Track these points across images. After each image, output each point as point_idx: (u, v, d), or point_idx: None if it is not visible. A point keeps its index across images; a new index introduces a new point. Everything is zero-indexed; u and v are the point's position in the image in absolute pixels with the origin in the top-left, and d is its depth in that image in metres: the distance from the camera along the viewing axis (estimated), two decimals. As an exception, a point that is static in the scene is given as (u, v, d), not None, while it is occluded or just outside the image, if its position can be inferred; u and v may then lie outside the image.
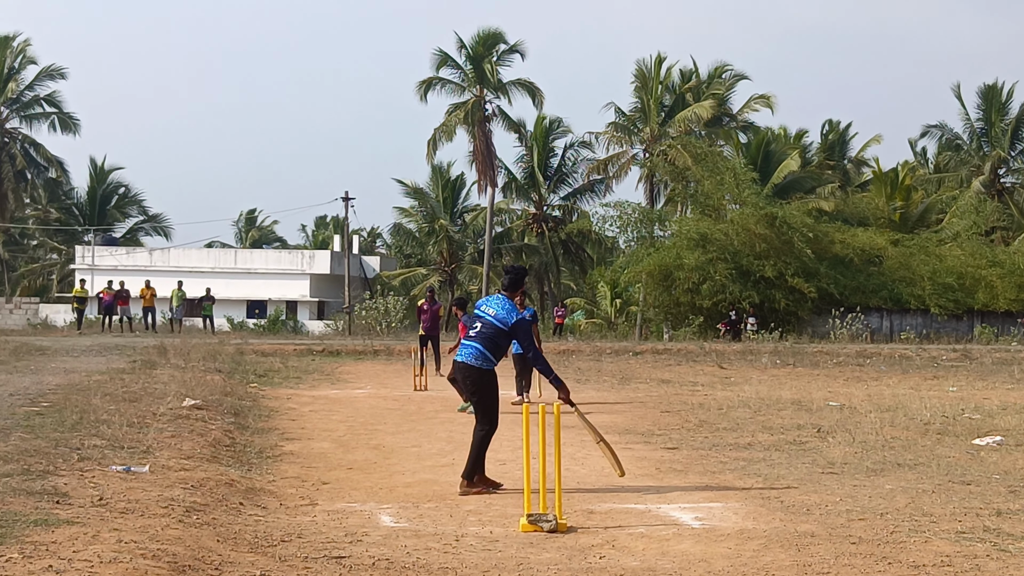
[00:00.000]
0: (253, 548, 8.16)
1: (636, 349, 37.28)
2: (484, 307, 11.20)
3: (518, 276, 11.37)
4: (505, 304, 11.07)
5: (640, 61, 63.53)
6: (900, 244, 51.68)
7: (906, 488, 11.20)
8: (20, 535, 7.33)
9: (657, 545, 8.75)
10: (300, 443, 14.67)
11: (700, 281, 47.99)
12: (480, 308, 11.25)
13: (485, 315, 11.08)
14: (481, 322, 11.07)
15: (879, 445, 14.31)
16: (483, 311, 11.15)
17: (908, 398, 20.90)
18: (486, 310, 11.13)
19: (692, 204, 55.22)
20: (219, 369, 24.59)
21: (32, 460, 10.42)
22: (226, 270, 65.03)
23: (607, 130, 63.95)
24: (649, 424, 17.27)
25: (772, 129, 66.24)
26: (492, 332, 10.97)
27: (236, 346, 33.39)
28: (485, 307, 11.19)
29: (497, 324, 10.96)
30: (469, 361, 11.04)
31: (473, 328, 11.17)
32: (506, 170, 67.46)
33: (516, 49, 62.77)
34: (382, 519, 9.73)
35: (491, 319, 11.00)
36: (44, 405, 15.19)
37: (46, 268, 77.64)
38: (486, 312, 11.10)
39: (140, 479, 10.14)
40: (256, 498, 10.39)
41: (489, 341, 10.97)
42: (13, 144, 69.58)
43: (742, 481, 11.79)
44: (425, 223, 69.86)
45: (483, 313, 11.12)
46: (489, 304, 11.18)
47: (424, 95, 62.01)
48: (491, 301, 11.22)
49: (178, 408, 15.87)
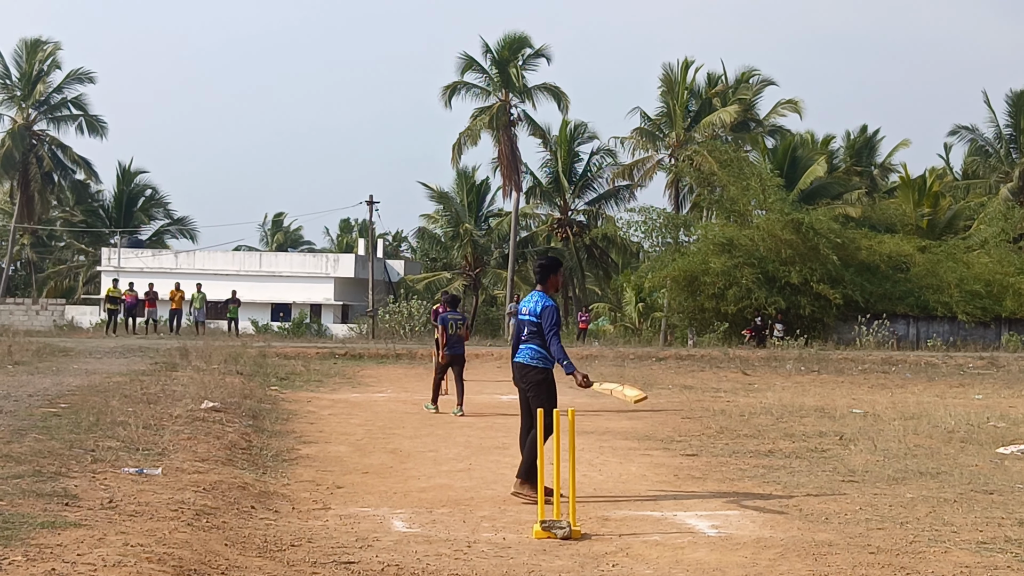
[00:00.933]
0: (261, 553, 8.07)
1: (660, 355, 37.10)
2: (525, 309, 11.16)
3: (546, 267, 11.21)
4: (535, 296, 11.11)
5: (666, 65, 63.26)
6: (927, 251, 51.31)
7: (927, 497, 11.05)
8: (26, 537, 7.27)
9: (671, 553, 8.63)
10: (317, 446, 14.60)
11: (726, 287, 47.76)
12: (522, 312, 11.22)
13: (523, 316, 11.12)
14: (525, 325, 11.06)
15: (901, 453, 14.15)
16: (521, 313, 11.20)
17: (933, 406, 20.70)
18: (522, 311, 11.18)
19: (717, 209, 54.95)
20: (240, 372, 24.56)
21: (45, 461, 10.38)
22: (251, 273, 65.15)
23: (632, 135, 63.74)
24: (669, 430, 17.13)
25: (799, 134, 65.93)
26: (535, 329, 10.95)
27: (259, 349, 33.37)
28: (523, 308, 11.18)
29: (534, 320, 10.96)
30: (526, 360, 10.99)
31: (523, 333, 11.08)
32: (531, 175, 67.34)
33: (542, 53, 62.58)
34: (394, 524, 9.63)
35: (527, 318, 11.03)
36: (62, 406, 15.16)
37: (72, 270, 77.94)
38: (523, 313, 11.13)
39: (152, 481, 10.07)
40: (268, 502, 10.31)
41: (539, 338, 10.93)
42: (41, 146, 69.85)
43: (761, 489, 11.65)
44: (450, 227, 69.82)
45: (523, 316, 11.14)
46: (526, 304, 11.18)
47: (449, 100, 61.91)
48: (527, 300, 11.23)
49: (196, 410, 15.82)
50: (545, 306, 10.92)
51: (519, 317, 11.23)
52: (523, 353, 11.03)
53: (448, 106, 62.05)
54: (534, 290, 11.27)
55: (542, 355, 10.92)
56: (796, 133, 65.62)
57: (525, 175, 65.41)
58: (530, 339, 10.99)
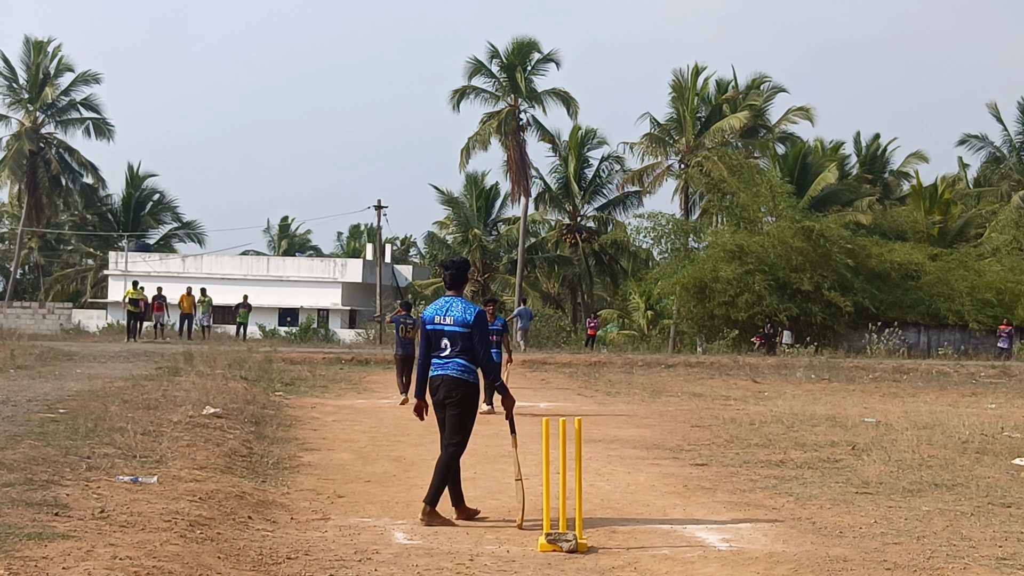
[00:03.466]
0: (256, 566, 7.80)
1: (668, 362, 36.81)
2: (439, 318, 9.95)
3: (461, 271, 10.22)
4: (457, 303, 9.97)
5: (676, 71, 62.95)
6: (938, 259, 51.02)
7: (944, 510, 10.75)
8: (11, 549, 7.01)
9: (681, 568, 8.34)
10: (319, 454, 14.34)
11: (736, 294, 47.52)
12: (433, 321, 9.98)
13: (444, 326, 9.92)
14: (448, 335, 9.90)
15: (915, 464, 13.85)
16: (441, 323, 9.94)
17: (946, 415, 20.41)
18: (444, 321, 9.93)
19: (728, 216, 54.69)
20: (244, 377, 24.32)
21: (38, 469, 10.12)
22: (258, 278, 64.97)
23: (642, 140, 63.46)
24: (679, 439, 16.83)
25: (808, 142, 65.56)
26: (466, 340, 9.87)
27: (265, 354, 33.14)
28: (440, 318, 9.95)
29: (463, 330, 9.86)
30: (457, 375, 9.87)
31: (442, 347, 9.90)
32: (540, 180, 67.09)
33: (551, 58, 62.31)
34: (395, 536, 9.36)
35: (453, 328, 9.88)
36: (61, 411, 14.93)
37: (80, 273, 77.81)
38: (444, 323, 9.93)
39: (146, 490, 9.80)
40: (266, 512, 10.04)
41: (468, 351, 9.89)
42: (48, 149, 69.76)
43: (772, 500, 11.36)
44: (459, 233, 69.57)
45: (442, 325, 9.93)
46: (444, 313, 9.96)
47: (457, 104, 61.67)
48: (444, 309, 9.99)
49: (197, 416, 15.59)
50: (477, 313, 9.89)
51: (433, 327, 9.94)
52: (450, 367, 9.86)
53: (456, 110, 61.86)
54: (448, 296, 10.13)
55: (471, 369, 9.90)
56: (805, 141, 65.31)
57: (535, 180, 65.14)
58: (458, 351, 9.86)
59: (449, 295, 10.13)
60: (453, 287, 10.15)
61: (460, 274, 10.18)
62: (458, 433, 9.96)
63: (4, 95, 69.02)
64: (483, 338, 9.89)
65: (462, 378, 9.88)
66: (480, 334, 9.87)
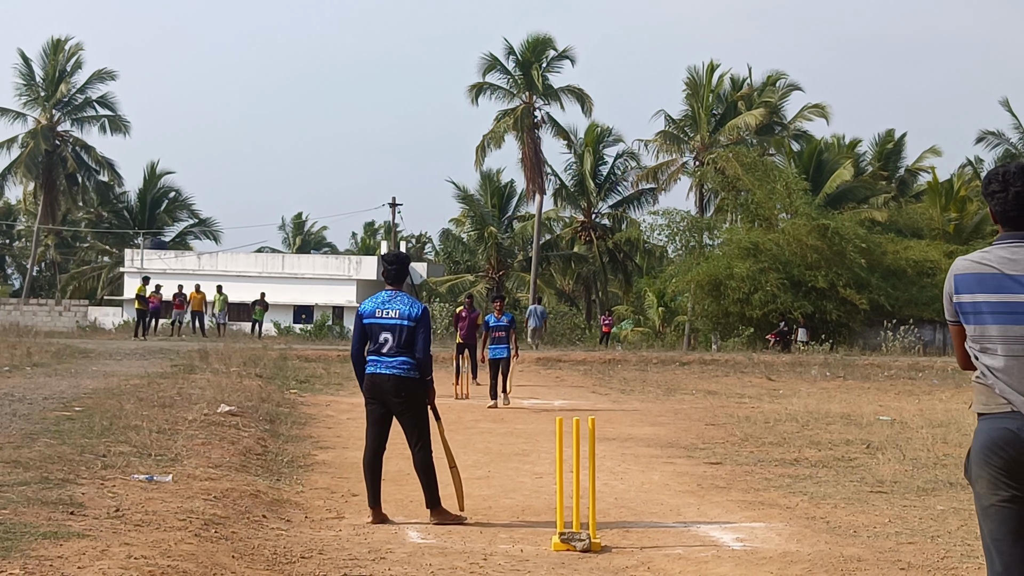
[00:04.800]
0: (270, 565, 7.82)
1: (683, 359, 36.78)
2: (381, 312, 9.84)
3: (403, 265, 10.12)
4: (400, 298, 9.88)
5: (691, 68, 62.96)
6: (954, 256, 50.78)
7: (958, 509, 10.71)
8: (26, 548, 7.03)
9: (695, 568, 8.34)
10: (334, 452, 14.35)
11: (751, 291, 47.44)
12: (375, 315, 9.87)
13: (388, 320, 9.81)
14: (394, 329, 9.79)
15: (931, 463, 13.80)
16: (384, 316, 9.83)
17: (961, 413, 20.32)
18: (386, 314, 9.82)
19: (742, 213, 54.61)
20: (259, 374, 24.37)
21: (53, 467, 10.15)
22: (273, 275, 65.05)
23: (656, 138, 63.42)
24: (693, 437, 16.82)
25: (824, 139, 65.39)
26: (410, 335, 9.76)
27: (280, 351, 33.19)
28: (382, 312, 9.83)
29: (408, 324, 9.76)
30: (403, 374, 9.77)
31: (382, 341, 9.81)
32: (555, 177, 67.04)
33: (566, 55, 62.29)
34: (409, 535, 9.38)
35: (398, 322, 9.77)
36: (76, 409, 14.98)
37: (96, 271, 78.03)
38: (388, 316, 9.82)
39: (161, 489, 9.83)
40: (281, 510, 10.06)
41: (410, 348, 9.79)
42: (64, 147, 69.94)
43: (787, 499, 11.34)
44: (474, 230, 69.55)
45: (384, 319, 9.82)
46: (386, 307, 9.86)
47: (475, 98, 61.64)
48: (387, 303, 9.87)
49: (212, 414, 15.61)
50: (423, 309, 9.87)
51: (374, 320, 9.85)
52: (394, 364, 9.76)
53: (475, 103, 61.74)
54: (388, 290, 9.99)
55: (414, 365, 9.79)
56: (821, 138, 65.15)
57: (550, 178, 65.11)
58: (403, 348, 9.76)
59: (390, 289, 10.02)
60: (395, 282, 10.06)
61: (402, 268, 10.11)
62: (419, 435, 9.96)
63: (22, 94, 69.24)
64: (426, 335, 9.85)
65: (408, 376, 9.80)
66: (424, 330, 9.83)
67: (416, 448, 9.99)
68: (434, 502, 9.95)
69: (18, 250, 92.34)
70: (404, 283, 10.16)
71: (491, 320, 22.32)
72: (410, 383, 9.81)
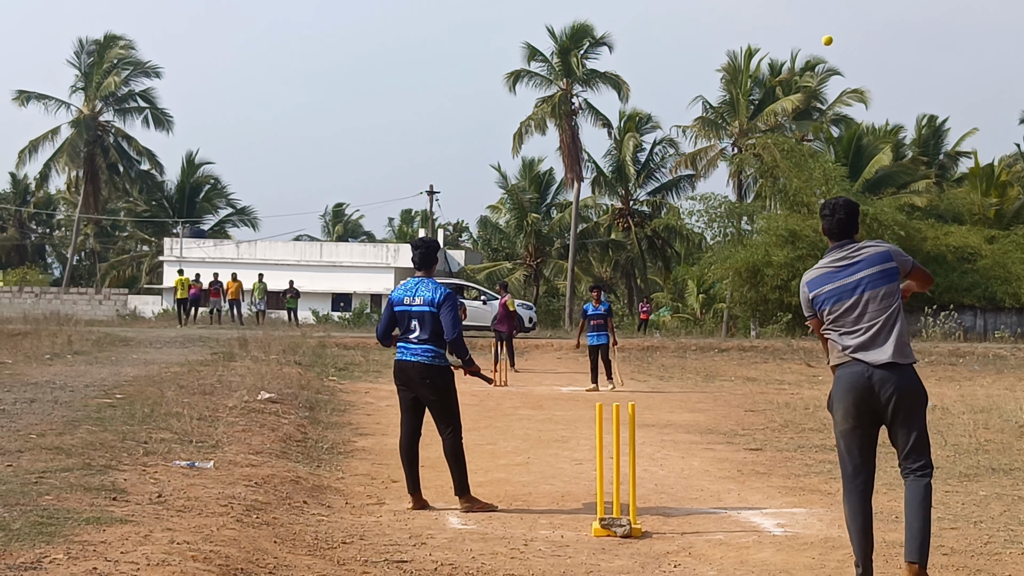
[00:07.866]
0: (312, 550, 7.84)
1: (722, 346, 36.67)
2: (409, 299, 9.83)
3: (431, 250, 9.99)
4: (426, 284, 9.86)
5: (730, 53, 62.58)
6: (995, 241, 50.46)
7: (1001, 495, 10.64)
8: (70, 534, 7.07)
9: (736, 553, 8.31)
10: (374, 439, 14.39)
11: (789, 278, 47.22)
12: (403, 303, 9.87)
13: (413, 307, 9.81)
14: (417, 316, 9.78)
15: (972, 448, 13.70)
16: (412, 304, 9.82)
17: (1003, 399, 20.17)
18: (413, 302, 9.81)
19: (780, 200, 54.31)
20: (298, 362, 24.46)
21: (95, 454, 10.22)
22: (311, 263, 65.23)
23: (695, 124, 63.15)
24: (732, 424, 16.77)
25: (862, 124, 64.92)
26: (433, 321, 9.74)
27: (318, 339, 33.30)
28: (409, 299, 9.83)
29: (432, 310, 9.74)
30: (428, 361, 9.77)
31: (411, 328, 9.80)
32: (594, 164, 66.89)
33: (603, 42, 62.09)
34: (449, 520, 9.39)
35: (422, 308, 9.76)
36: (118, 397, 15.07)
37: (136, 259, 78.52)
38: (413, 303, 9.81)
39: (203, 475, 9.88)
40: (321, 496, 10.10)
41: (436, 334, 9.76)
42: (106, 137, 70.29)
43: (827, 485, 11.28)
44: (515, 218, 69.47)
45: (411, 306, 9.82)
46: (413, 294, 9.84)
47: (513, 86, 61.37)
48: (413, 290, 9.87)
49: (252, 401, 15.67)
50: (446, 294, 9.78)
51: (402, 308, 9.87)
52: (419, 351, 9.77)
53: (512, 91, 61.52)
54: (417, 276, 9.98)
55: (441, 353, 9.80)
56: (860, 123, 64.68)
57: (588, 165, 64.94)
58: (427, 333, 9.74)
59: (418, 275, 10.01)
60: (423, 267, 10.01)
61: (430, 254, 10.04)
62: (449, 421, 9.98)
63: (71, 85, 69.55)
64: (452, 315, 9.76)
65: (433, 364, 9.79)
66: (448, 311, 9.76)
67: (446, 435, 10.01)
68: (463, 489, 9.95)
69: (58, 239, 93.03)
70: (433, 268, 10.12)
71: (589, 308, 23.24)
72: (435, 371, 9.80)
